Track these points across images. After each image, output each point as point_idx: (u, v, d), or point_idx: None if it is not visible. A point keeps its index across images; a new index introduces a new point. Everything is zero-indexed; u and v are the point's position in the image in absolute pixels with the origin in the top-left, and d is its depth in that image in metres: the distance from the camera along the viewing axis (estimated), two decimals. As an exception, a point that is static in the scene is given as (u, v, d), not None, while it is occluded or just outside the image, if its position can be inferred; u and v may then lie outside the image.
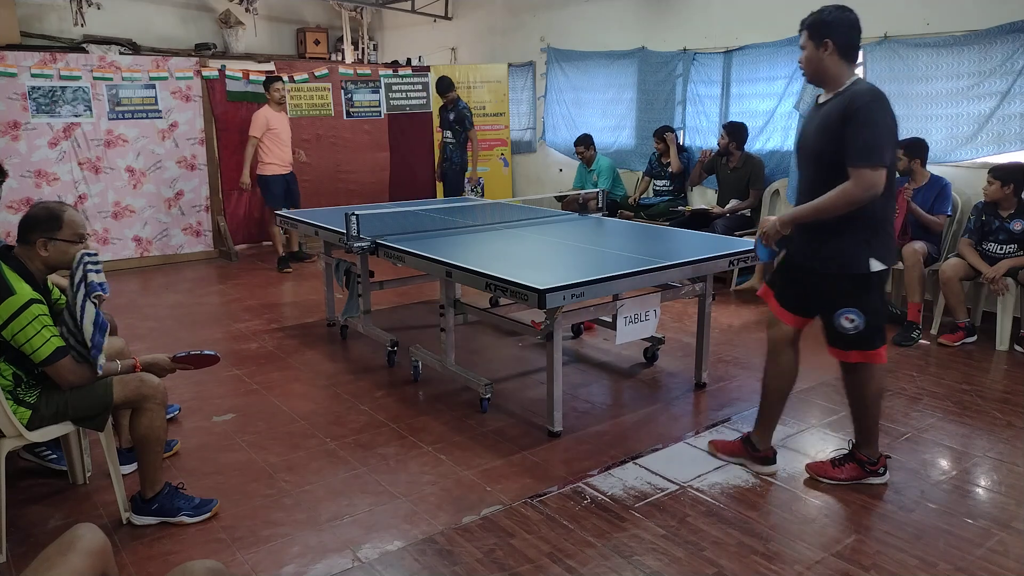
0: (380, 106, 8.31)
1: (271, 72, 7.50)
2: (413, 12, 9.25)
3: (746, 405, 3.75)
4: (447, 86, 7.24)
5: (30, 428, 2.55)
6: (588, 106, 7.88)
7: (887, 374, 2.97)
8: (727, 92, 6.57)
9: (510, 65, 8.60)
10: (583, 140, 7.16)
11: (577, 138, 7.21)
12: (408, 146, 8.50)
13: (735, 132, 6.10)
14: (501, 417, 3.66)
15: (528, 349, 4.71)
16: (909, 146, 5.00)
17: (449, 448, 3.33)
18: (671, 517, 2.76)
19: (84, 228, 2.67)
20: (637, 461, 3.20)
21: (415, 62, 9.15)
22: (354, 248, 4.07)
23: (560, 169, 8.31)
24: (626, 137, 7.56)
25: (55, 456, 3.12)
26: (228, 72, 7.41)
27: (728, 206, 6.13)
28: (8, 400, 2.50)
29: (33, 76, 6.53)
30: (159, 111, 7.15)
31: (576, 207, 5.27)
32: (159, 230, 7.32)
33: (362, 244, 4.07)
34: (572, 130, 7.94)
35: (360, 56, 10.29)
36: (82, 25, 8.21)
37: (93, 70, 6.81)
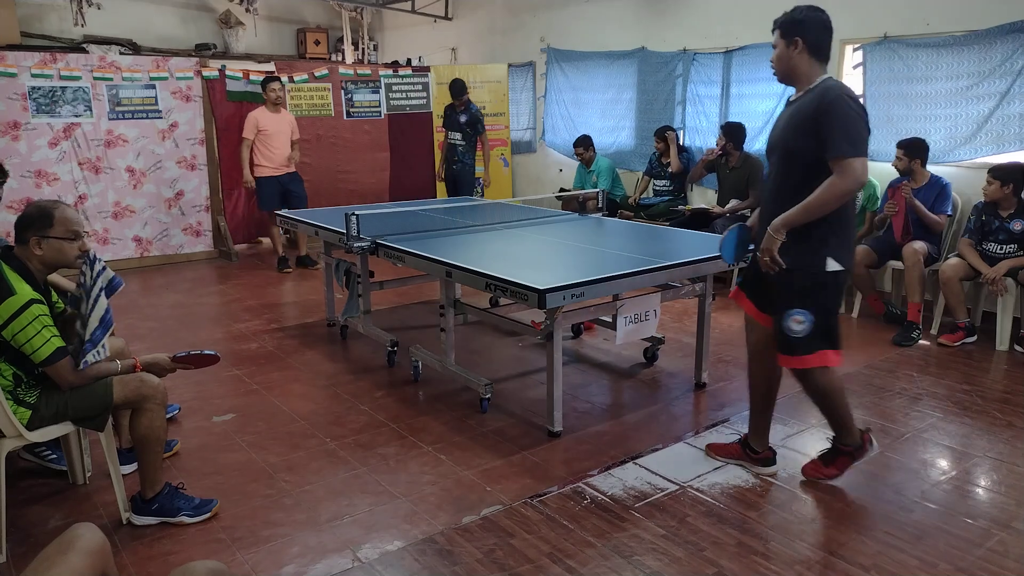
0: (380, 106, 8.30)
1: (271, 72, 7.50)
2: (413, 12, 9.25)
3: (746, 405, 3.72)
4: (462, 88, 7.16)
5: (30, 428, 2.55)
6: (588, 106, 7.88)
7: (841, 375, 2.91)
8: (727, 92, 6.57)
9: (510, 65, 8.60)
10: (582, 141, 7.16)
11: (576, 139, 7.21)
12: (408, 146, 8.50)
13: (732, 133, 6.09)
14: (501, 417, 3.66)
15: (528, 349, 4.71)
16: (909, 146, 5.00)
17: (449, 448, 3.33)
18: (671, 517, 2.76)
19: (79, 225, 2.63)
20: (637, 461, 3.20)
21: (415, 62, 9.15)
22: (354, 248, 4.07)
23: (560, 169, 8.31)
24: (626, 137, 7.56)
25: (55, 456, 3.12)
26: (228, 72, 7.41)
27: (728, 206, 6.13)
28: (8, 400, 2.50)
29: (33, 76, 6.53)
30: (159, 111, 7.15)
31: (576, 207, 5.27)
32: (159, 230, 7.32)
33: (362, 244, 4.07)
34: (572, 130, 7.94)
35: (360, 56, 10.29)
36: (82, 25, 8.22)
37: (93, 70, 6.81)
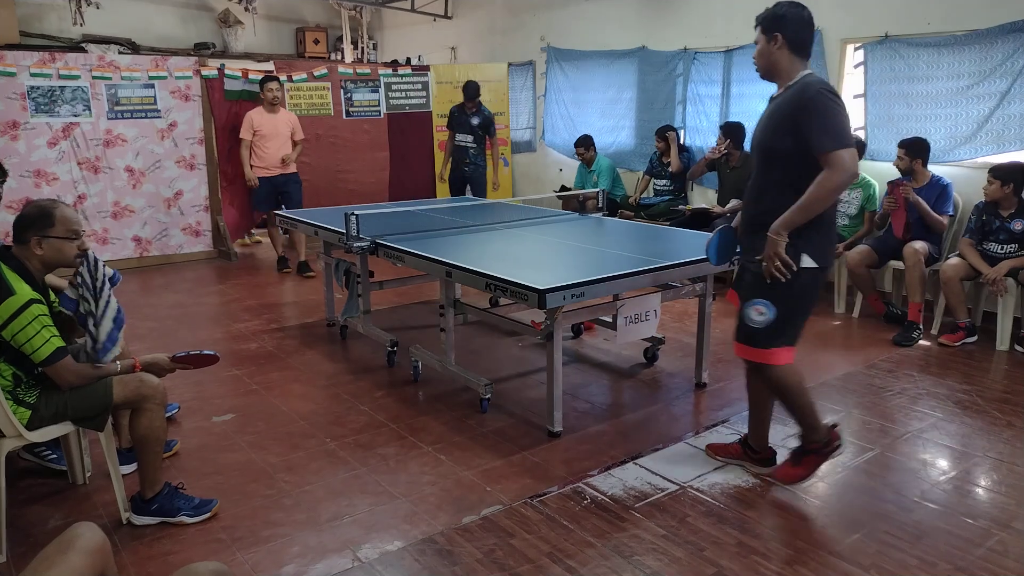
0: (380, 106, 8.30)
1: (270, 72, 7.49)
2: (413, 11, 9.25)
3: (746, 405, 3.72)
4: (476, 90, 7.04)
5: (30, 428, 2.55)
6: (588, 106, 7.88)
7: (801, 374, 2.86)
8: (727, 92, 6.57)
9: (510, 64, 8.60)
10: (583, 141, 7.16)
11: (577, 139, 7.20)
12: (408, 146, 8.49)
13: (732, 132, 6.09)
14: (501, 417, 3.66)
15: (528, 349, 4.70)
16: (911, 146, 5.00)
17: (449, 448, 3.33)
18: (671, 517, 2.75)
19: (78, 224, 2.65)
20: (637, 461, 3.20)
21: (415, 61, 9.15)
22: (354, 248, 4.07)
23: (560, 169, 8.31)
24: (625, 137, 7.56)
25: (55, 456, 3.11)
26: (227, 71, 7.40)
27: (729, 206, 6.13)
28: (8, 400, 2.49)
29: (32, 76, 6.53)
30: (158, 111, 7.15)
31: (576, 207, 5.27)
32: (158, 230, 7.32)
33: (362, 244, 4.06)
34: (571, 130, 7.93)
35: (360, 55, 10.29)
36: (81, 25, 8.21)
37: (92, 70, 6.81)
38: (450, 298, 3.92)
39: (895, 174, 5.20)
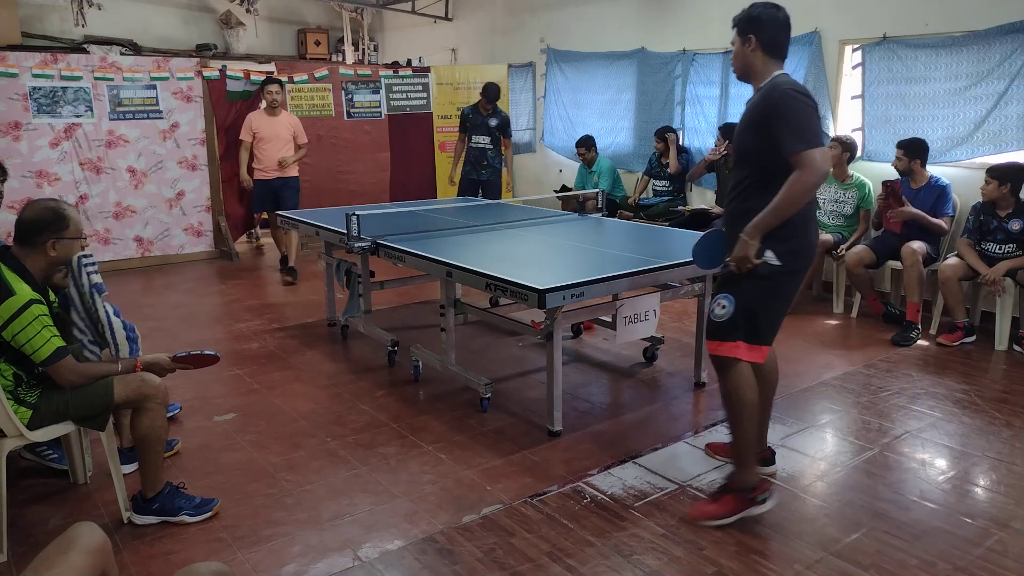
0: (380, 107, 8.31)
1: (271, 73, 7.50)
2: (413, 13, 9.26)
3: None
4: (497, 92, 6.85)
5: (31, 428, 2.56)
6: (587, 107, 7.88)
7: (756, 398, 2.72)
8: (726, 93, 6.57)
9: (510, 66, 8.61)
10: (584, 141, 7.16)
11: (578, 139, 7.21)
12: (408, 147, 8.50)
13: (730, 133, 6.08)
14: (501, 417, 3.67)
15: (528, 349, 4.71)
16: (909, 146, 5.01)
17: (449, 447, 3.34)
18: (671, 516, 2.76)
19: (81, 223, 2.74)
20: (637, 460, 3.20)
21: (415, 63, 9.16)
22: (355, 248, 4.08)
23: (560, 170, 8.31)
24: (624, 138, 7.56)
25: (56, 455, 3.12)
26: (229, 73, 7.42)
27: (728, 206, 6.13)
28: (9, 400, 2.51)
29: (34, 76, 6.54)
30: (160, 111, 7.16)
31: (576, 207, 5.28)
32: (160, 230, 7.33)
33: (363, 244, 4.08)
34: (571, 131, 7.94)
35: (360, 57, 10.30)
36: (83, 26, 8.22)
37: (94, 70, 6.82)
38: (450, 298, 3.93)
39: (893, 174, 5.20)
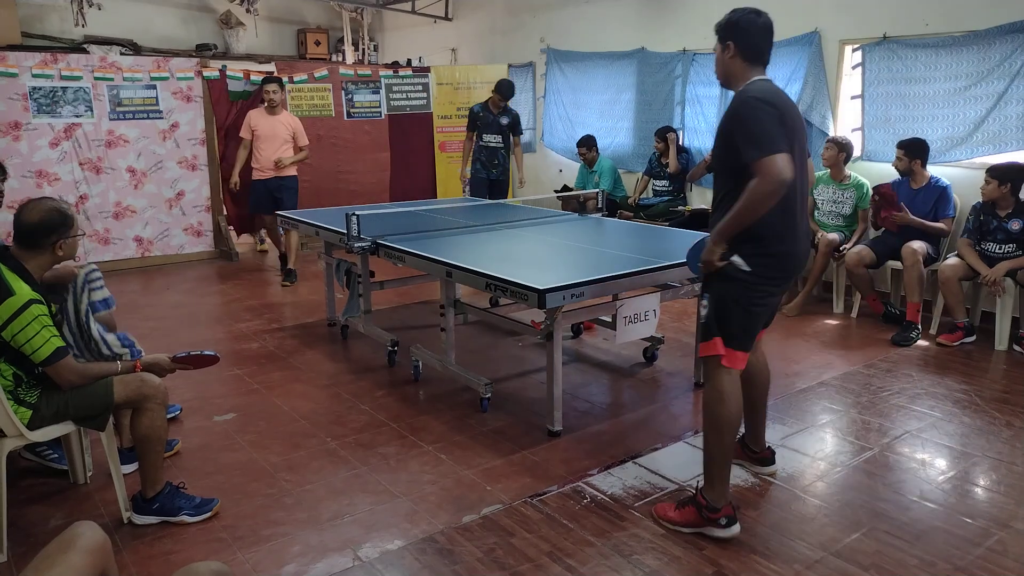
0: (380, 107, 8.31)
1: (271, 73, 7.49)
2: (413, 13, 9.26)
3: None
4: (512, 89, 6.65)
5: (31, 428, 2.56)
6: (587, 107, 7.88)
7: (737, 417, 2.66)
8: (726, 93, 6.53)
9: (510, 66, 8.60)
10: (585, 141, 7.16)
11: (580, 139, 7.21)
12: (408, 147, 8.51)
13: None
14: (501, 417, 3.67)
15: (528, 349, 4.71)
16: (910, 146, 5.01)
17: (449, 447, 3.34)
18: (670, 516, 2.76)
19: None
20: (637, 460, 3.20)
21: (415, 63, 9.16)
22: (355, 248, 4.08)
23: (560, 170, 8.31)
24: (624, 138, 7.56)
25: (56, 456, 3.12)
26: (229, 73, 7.42)
27: (728, 206, 6.13)
28: (9, 400, 2.50)
29: (34, 76, 6.54)
30: (160, 111, 7.16)
31: (576, 207, 5.28)
32: (160, 230, 7.33)
33: (363, 244, 4.08)
34: (570, 131, 7.94)
35: (360, 57, 10.30)
36: (83, 26, 8.22)
37: (94, 70, 6.82)
38: (450, 298, 3.93)
39: (893, 175, 5.21)
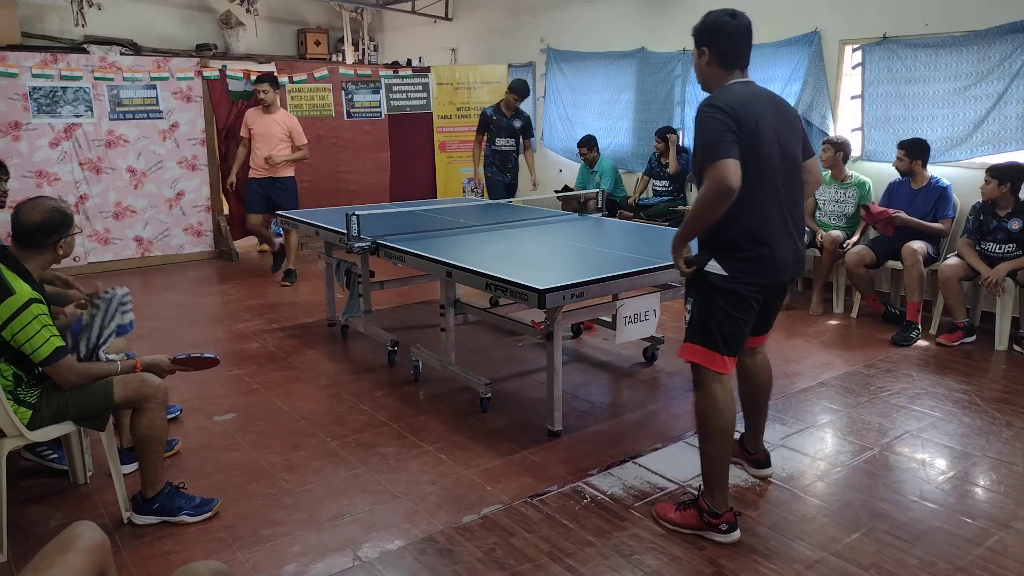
0: (380, 107, 8.31)
1: (270, 73, 7.48)
2: (413, 13, 9.26)
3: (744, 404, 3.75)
4: (526, 88, 6.54)
5: (31, 428, 2.55)
6: (586, 107, 7.87)
7: (730, 423, 2.64)
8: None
9: (510, 66, 8.60)
10: (586, 141, 7.16)
11: (580, 139, 7.21)
12: (408, 147, 8.51)
13: None
14: (501, 417, 3.67)
15: (528, 349, 4.71)
16: (911, 147, 5.01)
17: (449, 447, 3.34)
18: (670, 516, 2.76)
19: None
20: (637, 460, 3.20)
21: (415, 63, 9.16)
22: (355, 248, 4.08)
23: (560, 169, 8.31)
24: (623, 138, 7.56)
25: (56, 456, 3.12)
26: (229, 72, 7.42)
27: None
28: (9, 400, 2.50)
29: (34, 76, 6.55)
30: (160, 111, 7.17)
31: (576, 207, 5.28)
32: (160, 230, 7.33)
33: (363, 244, 4.08)
34: (570, 131, 7.94)
35: (360, 57, 10.30)
36: (83, 26, 8.22)
37: (94, 70, 6.83)
38: (450, 298, 3.93)
39: (893, 174, 5.21)
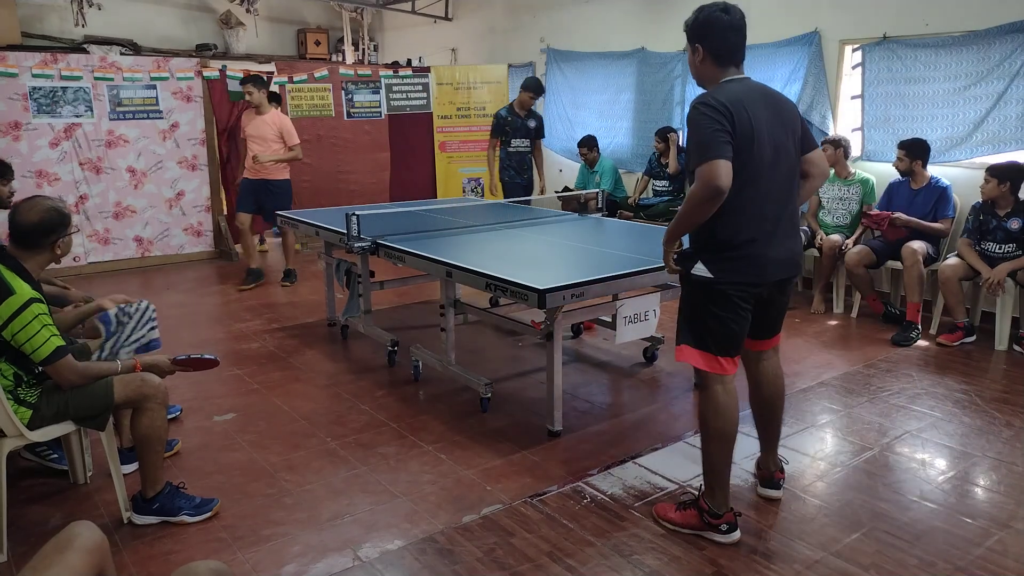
0: (380, 107, 8.31)
1: (271, 73, 7.49)
2: (413, 13, 9.26)
3: (746, 404, 3.73)
4: (540, 87, 6.47)
5: (31, 428, 2.56)
6: (586, 107, 7.88)
7: (731, 426, 2.65)
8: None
9: (510, 66, 8.60)
10: (586, 141, 7.16)
11: (581, 139, 7.21)
12: (408, 147, 8.50)
13: None
14: (501, 417, 3.67)
15: (528, 349, 4.71)
16: (911, 147, 5.01)
17: (449, 447, 3.34)
18: (670, 516, 2.76)
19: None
20: (637, 460, 3.20)
21: (415, 63, 9.16)
22: (355, 248, 4.08)
23: (560, 169, 8.31)
24: (623, 138, 7.56)
25: (56, 455, 3.12)
26: (229, 73, 7.41)
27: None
28: (9, 400, 2.50)
29: (34, 76, 6.55)
30: (160, 111, 7.17)
31: (576, 207, 5.27)
32: (160, 230, 7.34)
33: (363, 244, 4.08)
34: (570, 131, 7.94)
35: (360, 57, 10.30)
36: (83, 26, 8.22)
37: (94, 70, 6.83)
38: (450, 298, 3.93)
39: (893, 174, 5.21)
